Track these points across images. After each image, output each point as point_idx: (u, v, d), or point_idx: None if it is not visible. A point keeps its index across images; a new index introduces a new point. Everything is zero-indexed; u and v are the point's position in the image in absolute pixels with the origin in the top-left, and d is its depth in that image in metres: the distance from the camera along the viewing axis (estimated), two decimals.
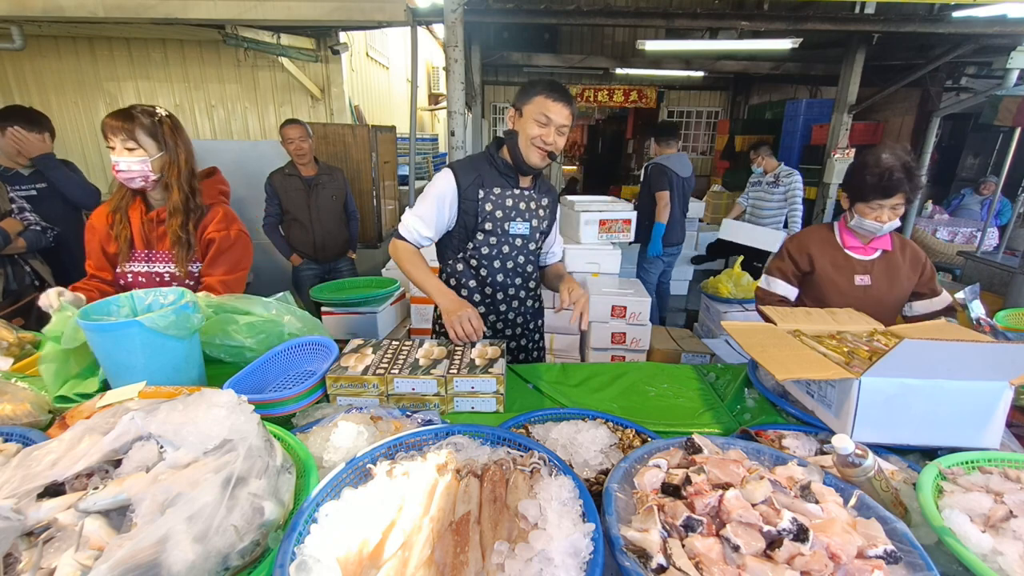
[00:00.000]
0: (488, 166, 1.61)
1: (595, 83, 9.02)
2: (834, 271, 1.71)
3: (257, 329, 1.39)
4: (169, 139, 1.51)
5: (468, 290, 1.68)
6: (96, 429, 0.79)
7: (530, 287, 1.77)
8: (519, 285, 1.73)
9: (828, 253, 1.74)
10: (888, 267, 1.71)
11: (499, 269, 1.67)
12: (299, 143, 3.17)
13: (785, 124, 7.26)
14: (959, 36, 4.65)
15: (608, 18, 4.58)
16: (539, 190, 1.71)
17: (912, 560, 0.68)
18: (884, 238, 1.71)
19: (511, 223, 1.62)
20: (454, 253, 1.68)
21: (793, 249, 1.79)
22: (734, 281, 3.80)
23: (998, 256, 3.96)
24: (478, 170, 1.59)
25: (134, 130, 1.45)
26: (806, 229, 1.86)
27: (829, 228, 1.80)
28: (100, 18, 3.78)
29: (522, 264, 1.70)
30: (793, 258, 1.78)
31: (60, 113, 4.95)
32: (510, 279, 1.70)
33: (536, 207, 1.68)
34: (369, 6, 3.92)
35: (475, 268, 1.66)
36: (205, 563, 0.61)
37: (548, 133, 1.49)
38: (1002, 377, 0.97)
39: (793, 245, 1.80)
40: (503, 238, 1.63)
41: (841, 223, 1.77)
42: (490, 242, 1.63)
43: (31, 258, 2.28)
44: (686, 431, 1.07)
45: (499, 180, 1.61)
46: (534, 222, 1.67)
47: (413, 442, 0.94)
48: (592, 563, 0.66)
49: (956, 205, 6.27)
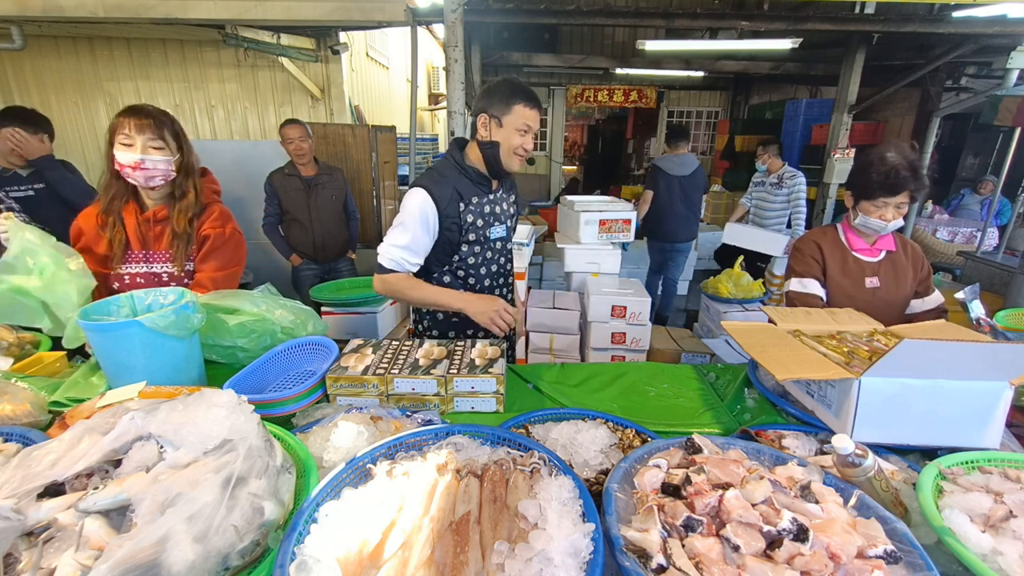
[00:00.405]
0: (460, 176, 1.57)
1: (595, 83, 9.02)
2: (843, 274, 1.70)
3: (248, 329, 1.38)
4: (183, 139, 1.53)
5: None
6: (96, 429, 0.79)
7: (508, 283, 1.82)
8: (501, 284, 1.76)
9: (837, 256, 1.72)
10: (894, 267, 1.70)
11: (485, 275, 1.69)
12: (299, 143, 3.17)
13: (785, 124, 7.27)
14: (959, 36, 4.66)
15: (608, 18, 4.59)
16: (506, 189, 1.74)
17: (912, 560, 0.68)
18: (888, 238, 1.70)
19: (490, 229, 1.63)
20: (439, 266, 1.65)
21: (809, 249, 1.75)
22: (734, 281, 3.80)
23: (998, 256, 3.97)
24: (452, 184, 1.55)
25: (162, 129, 1.45)
26: (811, 232, 1.84)
27: (833, 230, 1.77)
28: (100, 18, 3.78)
29: (502, 264, 1.74)
30: (814, 258, 1.73)
31: (60, 113, 4.95)
32: (494, 281, 1.73)
33: (507, 207, 1.72)
34: (369, 6, 3.92)
35: (463, 278, 1.66)
36: (205, 563, 0.61)
37: (528, 140, 1.53)
38: (1002, 377, 0.97)
39: (806, 245, 1.77)
40: (486, 244, 1.65)
41: (844, 224, 1.74)
42: (475, 251, 1.63)
43: None
44: (686, 431, 1.07)
45: (474, 189, 1.59)
46: (508, 222, 1.71)
47: (413, 442, 0.94)
48: (592, 563, 0.66)
49: (956, 205, 6.27)
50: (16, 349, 1.45)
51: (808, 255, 1.75)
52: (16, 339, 1.48)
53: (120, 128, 1.41)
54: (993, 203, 4.94)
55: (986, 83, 5.87)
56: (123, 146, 1.41)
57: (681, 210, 4.18)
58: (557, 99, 9.66)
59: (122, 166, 1.43)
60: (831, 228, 1.79)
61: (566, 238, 3.69)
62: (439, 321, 1.73)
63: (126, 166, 1.42)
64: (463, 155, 1.60)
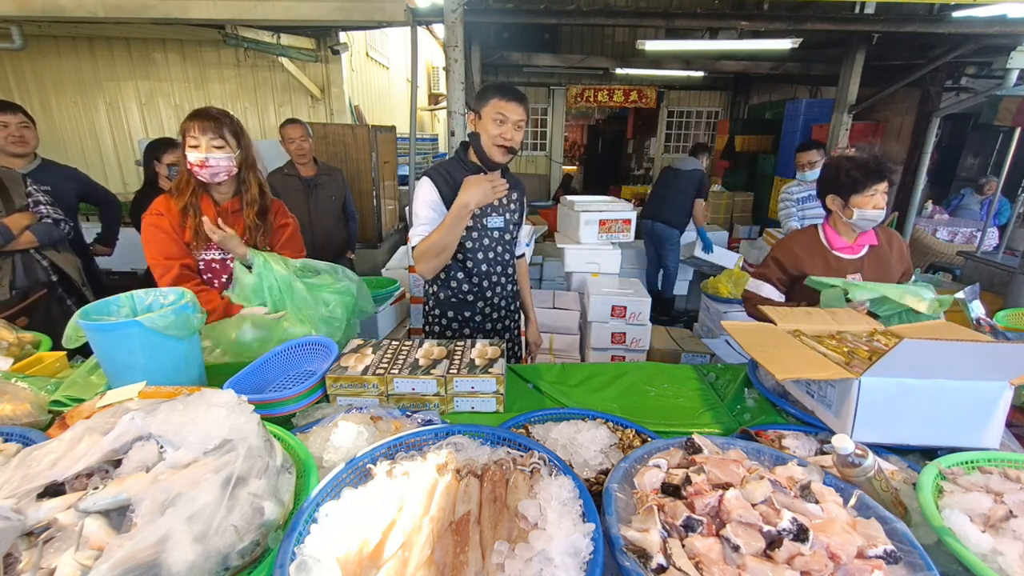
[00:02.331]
0: (461, 169, 1.73)
1: (595, 83, 9.02)
2: (823, 274, 1.73)
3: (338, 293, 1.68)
4: (243, 137, 1.67)
5: (457, 280, 1.83)
6: (96, 429, 0.79)
7: (508, 273, 1.93)
8: (499, 272, 1.88)
9: (818, 258, 1.76)
10: (877, 261, 1.74)
11: (482, 260, 1.81)
12: (300, 142, 3.17)
13: (785, 124, 7.25)
14: (959, 36, 4.65)
15: (608, 18, 4.58)
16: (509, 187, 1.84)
17: (912, 560, 0.68)
18: (868, 232, 1.75)
19: (487, 218, 1.78)
20: None
21: (780, 255, 1.81)
22: (734, 281, 3.80)
23: (998, 256, 3.96)
24: (453, 176, 1.71)
25: (221, 128, 1.59)
26: (790, 235, 1.89)
27: (814, 231, 1.82)
28: (100, 18, 3.78)
29: (500, 253, 1.86)
30: (781, 264, 1.80)
31: (60, 113, 4.95)
32: (491, 267, 1.85)
33: (507, 201, 1.83)
34: (369, 6, 3.92)
35: (461, 261, 1.81)
36: (205, 563, 0.61)
37: (507, 131, 1.64)
38: (1002, 377, 0.97)
39: (780, 252, 1.82)
40: (483, 232, 1.78)
41: (826, 225, 1.79)
42: (472, 236, 1.77)
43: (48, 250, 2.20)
44: (686, 431, 1.07)
45: None
46: (507, 215, 1.82)
47: (413, 442, 0.94)
48: (592, 563, 0.66)
49: (956, 205, 6.27)
50: (16, 349, 1.45)
51: (775, 260, 1.83)
52: (16, 339, 1.48)
53: (188, 131, 1.57)
54: (993, 203, 4.94)
55: (986, 83, 5.86)
56: (191, 148, 1.58)
57: (669, 193, 4.66)
58: (557, 99, 9.65)
59: (191, 165, 1.59)
60: (812, 229, 1.84)
61: (566, 238, 3.69)
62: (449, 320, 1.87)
63: (194, 165, 1.58)
64: (466, 153, 1.78)
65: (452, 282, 1.83)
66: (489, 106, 1.63)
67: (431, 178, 1.70)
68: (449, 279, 1.83)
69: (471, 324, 1.87)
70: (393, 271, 3.59)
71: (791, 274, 1.79)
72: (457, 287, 1.83)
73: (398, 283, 2.94)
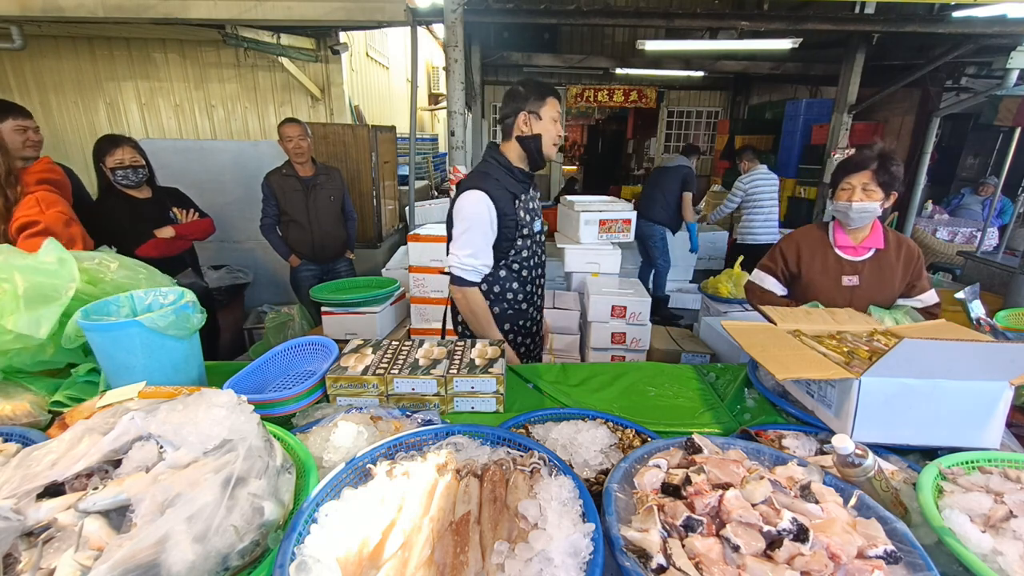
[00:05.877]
0: (507, 176, 1.66)
1: (595, 83, 9.01)
2: (821, 273, 1.74)
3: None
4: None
5: (513, 292, 1.76)
6: (96, 429, 0.79)
7: (543, 273, 1.91)
8: (539, 275, 1.86)
9: (819, 254, 1.76)
10: (879, 267, 1.71)
11: (533, 266, 1.79)
12: (298, 141, 3.16)
13: (785, 124, 7.25)
14: (959, 36, 4.65)
15: (608, 18, 4.58)
16: (535, 187, 1.83)
17: (912, 560, 0.68)
18: (876, 236, 1.71)
19: (533, 223, 1.75)
20: (496, 261, 1.70)
21: (785, 247, 1.83)
22: (734, 281, 3.79)
23: (998, 256, 3.96)
24: (503, 184, 1.63)
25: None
26: (802, 228, 1.89)
27: (824, 227, 1.82)
28: (100, 18, 3.78)
29: (539, 255, 1.82)
30: (784, 257, 1.82)
31: (60, 113, 4.95)
32: (537, 272, 1.82)
33: (536, 204, 1.81)
34: (369, 6, 3.92)
35: (517, 271, 1.75)
36: (205, 563, 0.61)
37: (561, 128, 1.68)
38: (1002, 377, 0.97)
39: (786, 243, 1.84)
40: (531, 238, 1.75)
41: (836, 222, 1.79)
42: (527, 245, 1.73)
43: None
44: (686, 431, 1.07)
45: (520, 187, 1.69)
46: (540, 217, 1.81)
47: (413, 442, 0.94)
48: (592, 563, 0.66)
49: (956, 205, 6.27)
50: None
51: (780, 252, 1.84)
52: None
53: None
54: (993, 203, 4.94)
55: (986, 83, 5.86)
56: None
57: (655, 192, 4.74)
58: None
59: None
60: (821, 225, 1.84)
61: (566, 238, 3.69)
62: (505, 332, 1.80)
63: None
64: (504, 156, 1.67)
65: (508, 294, 1.76)
66: (548, 106, 1.62)
67: (488, 192, 1.56)
68: (505, 291, 1.75)
69: (523, 331, 1.82)
70: (393, 271, 3.58)
71: (791, 268, 1.79)
72: (513, 298, 1.76)
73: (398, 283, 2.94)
